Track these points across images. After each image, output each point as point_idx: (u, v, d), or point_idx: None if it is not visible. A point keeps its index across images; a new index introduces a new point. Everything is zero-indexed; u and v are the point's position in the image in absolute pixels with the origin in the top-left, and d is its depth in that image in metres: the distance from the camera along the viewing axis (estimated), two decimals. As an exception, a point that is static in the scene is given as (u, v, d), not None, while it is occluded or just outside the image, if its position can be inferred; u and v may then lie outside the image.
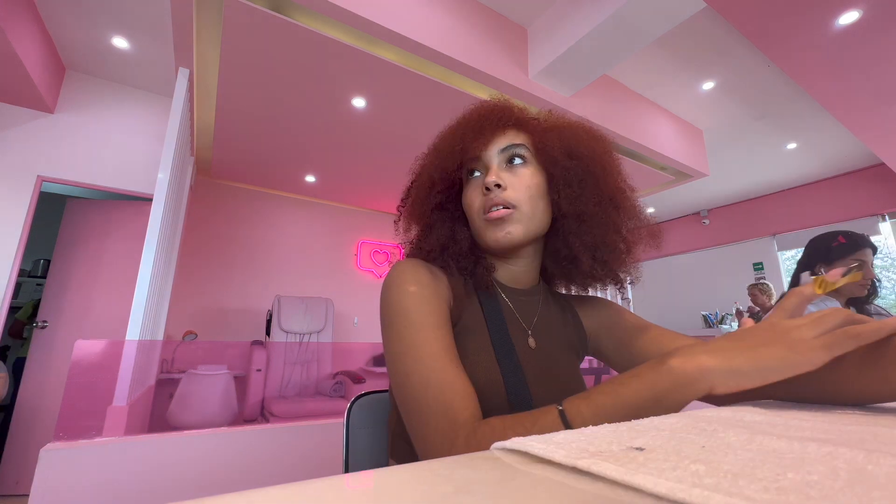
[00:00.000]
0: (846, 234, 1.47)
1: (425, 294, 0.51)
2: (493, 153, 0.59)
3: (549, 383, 0.56)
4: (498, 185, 0.56)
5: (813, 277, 0.46)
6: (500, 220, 0.56)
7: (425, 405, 0.44)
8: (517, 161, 0.59)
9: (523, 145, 0.59)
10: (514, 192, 0.56)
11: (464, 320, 0.56)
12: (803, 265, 1.56)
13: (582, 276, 0.63)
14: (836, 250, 1.46)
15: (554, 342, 0.62)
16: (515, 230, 0.56)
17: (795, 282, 1.60)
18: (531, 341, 0.59)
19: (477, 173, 0.60)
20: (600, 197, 0.58)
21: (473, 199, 0.59)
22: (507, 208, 0.56)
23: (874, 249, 1.44)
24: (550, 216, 0.60)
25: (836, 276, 0.46)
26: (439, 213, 0.63)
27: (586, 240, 0.58)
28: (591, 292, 0.71)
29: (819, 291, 0.44)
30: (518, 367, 0.53)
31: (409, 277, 0.53)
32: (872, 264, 1.43)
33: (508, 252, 0.60)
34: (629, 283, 0.65)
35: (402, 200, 0.68)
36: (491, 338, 0.55)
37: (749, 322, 0.42)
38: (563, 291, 0.73)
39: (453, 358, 0.48)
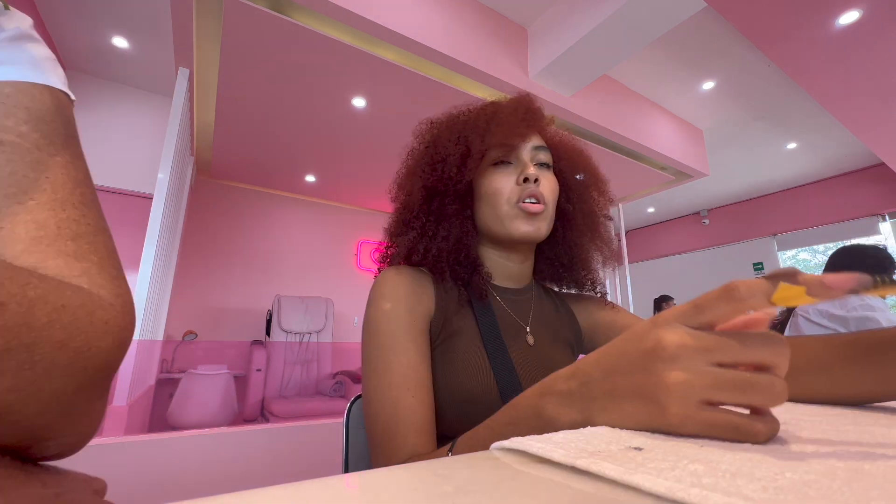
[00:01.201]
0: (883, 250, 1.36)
1: (398, 311, 0.51)
2: (528, 148, 0.60)
3: None
4: (537, 181, 0.57)
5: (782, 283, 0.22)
6: (535, 215, 0.57)
7: (375, 429, 0.47)
8: (546, 163, 0.61)
9: (549, 150, 0.62)
10: (546, 192, 0.58)
11: (454, 324, 0.55)
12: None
13: (569, 280, 0.68)
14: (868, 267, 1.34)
15: (551, 338, 0.61)
16: (543, 228, 0.58)
17: None
18: (530, 339, 0.59)
19: (507, 163, 0.60)
20: (592, 218, 0.66)
21: (502, 185, 0.58)
22: (542, 204, 0.57)
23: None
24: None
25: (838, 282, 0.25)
26: (440, 215, 0.60)
27: (574, 250, 0.66)
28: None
29: (777, 303, 0.22)
30: (511, 367, 0.53)
31: (387, 292, 0.53)
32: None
33: (520, 246, 0.61)
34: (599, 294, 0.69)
35: (395, 194, 0.66)
36: (483, 340, 0.55)
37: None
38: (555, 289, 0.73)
39: (413, 385, 0.48)
